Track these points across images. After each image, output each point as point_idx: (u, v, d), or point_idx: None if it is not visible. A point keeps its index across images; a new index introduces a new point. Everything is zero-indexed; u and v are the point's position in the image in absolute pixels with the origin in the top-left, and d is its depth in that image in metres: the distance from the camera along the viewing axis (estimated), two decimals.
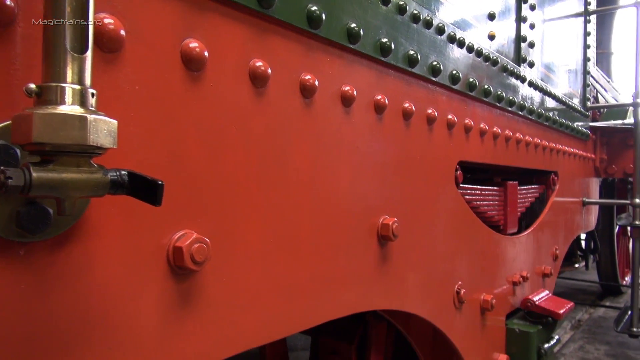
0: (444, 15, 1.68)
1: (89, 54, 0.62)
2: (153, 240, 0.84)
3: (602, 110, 4.85)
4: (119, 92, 0.78)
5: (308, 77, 1.13)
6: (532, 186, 2.76)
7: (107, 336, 0.78)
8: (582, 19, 3.41)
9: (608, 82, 6.93)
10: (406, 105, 1.49)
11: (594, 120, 4.16)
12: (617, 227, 6.23)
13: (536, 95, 2.52)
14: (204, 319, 0.92)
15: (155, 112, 0.83)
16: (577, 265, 5.14)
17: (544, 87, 2.62)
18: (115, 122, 0.64)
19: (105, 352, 0.78)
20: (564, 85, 3.09)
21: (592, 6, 3.46)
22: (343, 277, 1.28)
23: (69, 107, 0.59)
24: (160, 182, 0.64)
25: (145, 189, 0.65)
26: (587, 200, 3.46)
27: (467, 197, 2.01)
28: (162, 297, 0.86)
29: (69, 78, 0.60)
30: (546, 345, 2.24)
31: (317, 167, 1.18)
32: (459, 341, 1.90)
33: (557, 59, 2.97)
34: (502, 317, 2.26)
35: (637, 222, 3.43)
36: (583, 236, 5.70)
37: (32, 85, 0.59)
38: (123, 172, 0.66)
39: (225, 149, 0.96)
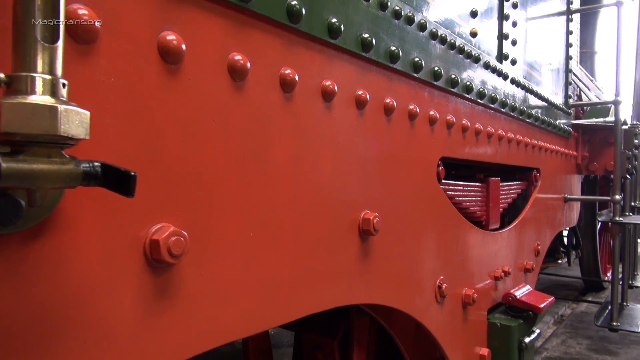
0: (426, 12, 1.70)
1: (60, 44, 0.61)
2: (129, 233, 0.84)
3: (585, 108, 4.93)
4: (94, 83, 0.78)
5: (288, 71, 1.14)
6: (515, 182, 2.79)
7: (82, 330, 0.77)
8: (564, 17, 3.46)
9: (591, 81, 7.03)
10: (388, 100, 1.50)
11: (577, 118, 4.22)
12: (599, 224, 6.33)
13: (518, 93, 2.55)
14: (182, 312, 0.92)
15: (132, 104, 0.83)
16: (559, 262, 5.22)
17: (526, 84, 2.65)
18: (87, 112, 0.63)
19: (80, 346, 0.77)
20: (547, 83, 3.13)
21: (575, 5, 3.50)
22: (324, 270, 1.28)
23: (39, 97, 0.59)
24: (133, 174, 0.64)
25: (118, 181, 0.65)
26: (568, 196, 3.51)
27: (450, 192, 2.03)
28: (139, 291, 0.85)
29: (39, 68, 0.59)
30: (527, 339, 2.28)
31: (298, 161, 1.19)
32: (441, 335, 1.92)
33: (539, 58, 3.01)
34: (484, 311, 2.29)
35: (617, 218, 3.49)
36: (566, 233, 5.78)
37: (2, 75, 0.59)
38: (96, 164, 0.66)
39: (204, 143, 0.96)
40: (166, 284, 0.90)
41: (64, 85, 0.62)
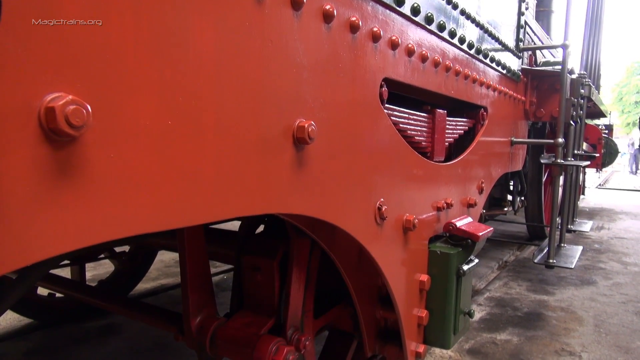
0: None
1: None
2: (19, 99, 0.76)
3: (539, 62, 5.00)
4: None
5: None
6: (462, 119, 2.82)
7: None
8: None
9: (547, 38, 7.12)
10: (327, 7, 1.44)
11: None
12: (545, 175, 6.60)
13: (468, 25, 2.53)
14: (86, 193, 0.86)
15: None
16: (505, 209, 5.43)
17: (477, 18, 2.63)
18: None
19: None
20: (498, 23, 3.12)
21: None
22: (255, 174, 1.24)
23: None
24: None
25: None
26: (515, 139, 3.59)
27: (394, 119, 2.01)
28: (34, 163, 0.78)
29: None
30: (465, 267, 2.35)
31: (223, 55, 1.12)
32: (382, 259, 1.94)
33: None
34: (425, 240, 2.34)
35: (558, 161, 3.61)
36: (512, 185, 5.98)
37: None
38: None
39: (109, 13, 0.88)
40: (68, 160, 0.83)
41: None
